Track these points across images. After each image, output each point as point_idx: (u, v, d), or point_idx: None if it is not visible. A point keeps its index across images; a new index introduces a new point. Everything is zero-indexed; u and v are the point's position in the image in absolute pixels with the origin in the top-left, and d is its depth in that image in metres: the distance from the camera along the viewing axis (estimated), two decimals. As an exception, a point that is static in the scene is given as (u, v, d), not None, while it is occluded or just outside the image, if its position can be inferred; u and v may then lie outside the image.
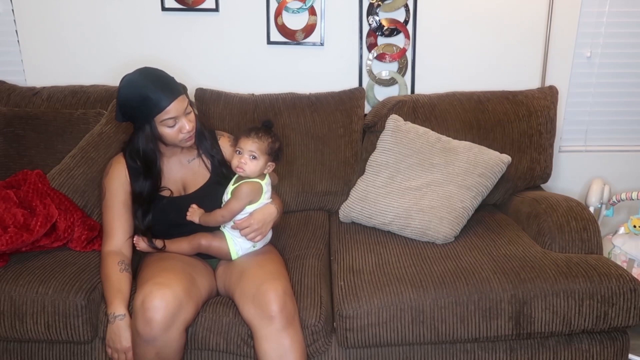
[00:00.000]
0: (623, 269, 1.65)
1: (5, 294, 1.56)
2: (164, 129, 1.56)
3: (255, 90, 2.28)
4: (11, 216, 1.65)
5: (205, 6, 2.27)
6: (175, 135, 1.58)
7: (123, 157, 1.67)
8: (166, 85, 1.54)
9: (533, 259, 1.69)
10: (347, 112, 2.17)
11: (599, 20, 2.35)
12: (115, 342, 1.49)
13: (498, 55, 2.37)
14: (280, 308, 1.46)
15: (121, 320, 1.49)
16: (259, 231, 1.62)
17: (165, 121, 1.54)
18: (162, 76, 1.56)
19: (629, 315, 1.60)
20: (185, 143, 1.62)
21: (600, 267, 1.64)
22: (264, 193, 1.63)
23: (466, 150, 1.97)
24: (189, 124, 1.58)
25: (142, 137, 1.58)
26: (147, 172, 1.63)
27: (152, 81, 1.52)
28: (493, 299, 1.56)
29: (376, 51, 2.34)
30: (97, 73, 2.32)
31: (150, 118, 1.53)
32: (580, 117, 2.48)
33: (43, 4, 2.27)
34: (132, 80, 1.54)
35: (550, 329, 1.59)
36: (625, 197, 2.21)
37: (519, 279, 1.60)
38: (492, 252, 1.75)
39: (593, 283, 1.59)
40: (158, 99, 1.51)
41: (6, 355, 1.66)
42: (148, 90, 1.50)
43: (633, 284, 1.60)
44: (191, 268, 1.59)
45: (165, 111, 1.52)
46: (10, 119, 1.97)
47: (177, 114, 1.54)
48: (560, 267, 1.64)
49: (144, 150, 1.60)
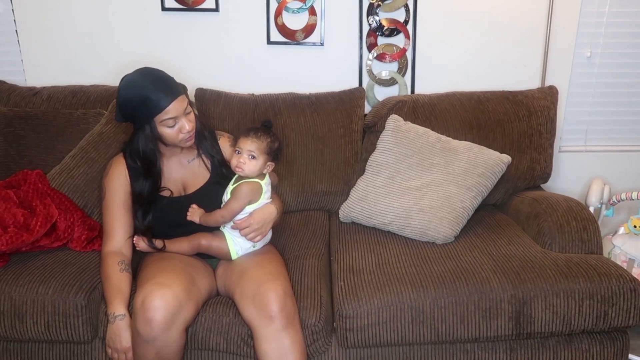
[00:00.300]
0: (623, 269, 1.65)
1: (5, 294, 1.56)
2: (164, 129, 1.56)
3: (255, 90, 2.28)
4: (11, 216, 1.65)
5: (205, 6, 2.27)
6: (175, 135, 1.58)
7: (123, 158, 1.67)
8: (166, 86, 1.53)
9: (533, 259, 1.69)
10: (347, 112, 2.17)
11: (599, 20, 2.35)
12: (115, 342, 1.49)
13: (498, 55, 2.37)
14: (280, 308, 1.46)
15: (121, 320, 1.49)
16: (259, 231, 1.62)
17: (165, 121, 1.54)
18: (162, 76, 1.56)
19: (629, 316, 1.60)
20: (185, 143, 1.62)
21: (600, 267, 1.64)
22: (264, 193, 1.63)
23: (466, 150, 1.97)
24: (188, 124, 1.58)
25: (142, 137, 1.58)
26: (147, 172, 1.63)
27: (152, 81, 1.52)
28: (493, 299, 1.56)
29: (376, 51, 2.34)
30: (97, 73, 2.32)
31: (150, 118, 1.53)
32: (580, 117, 2.48)
33: (43, 4, 2.27)
34: (132, 81, 1.53)
35: (551, 329, 1.59)
36: (625, 197, 2.21)
37: (519, 279, 1.60)
38: (492, 252, 1.75)
39: (593, 283, 1.59)
40: (158, 99, 1.50)
41: (6, 355, 1.66)
42: (148, 91, 1.50)
43: (633, 284, 1.60)
44: (191, 268, 1.59)
45: (165, 111, 1.52)
46: (10, 119, 1.97)
47: (177, 114, 1.54)
48: (560, 267, 1.64)
49: (144, 151, 1.60)
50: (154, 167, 1.63)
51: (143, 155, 1.61)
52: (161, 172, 1.66)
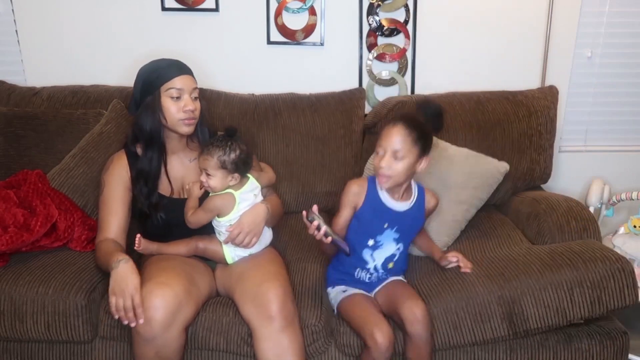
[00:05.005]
0: (609, 249, 1.62)
1: (5, 294, 1.56)
2: (167, 100, 1.58)
3: (255, 90, 2.28)
4: (11, 216, 1.65)
5: (205, 6, 2.27)
6: (176, 111, 1.59)
7: (124, 154, 1.67)
8: (177, 63, 1.64)
9: (516, 256, 1.69)
10: (348, 112, 2.17)
11: (599, 20, 2.35)
12: (122, 284, 1.41)
13: (498, 55, 2.37)
14: (280, 308, 1.46)
15: (126, 262, 1.45)
16: (252, 233, 1.58)
17: (169, 91, 1.58)
18: (177, 60, 1.66)
19: (623, 296, 1.57)
20: (184, 126, 1.61)
21: (584, 252, 1.62)
22: (237, 204, 1.56)
23: (462, 160, 1.93)
24: (191, 104, 1.60)
25: (146, 113, 1.60)
26: (151, 145, 1.63)
27: (166, 59, 1.65)
28: (480, 302, 1.56)
29: (376, 51, 2.34)
30: (97, 73, 2.32)
31: (157, 86, 1.58)
32: (580, 117, 2.48)
33: (43, 4, 2.27)
34: (149, 62, 1.65)
35: (547, 323, 1.57)
36: (625, 197, 2.21)
37: (504, 279, 1.59)
38: (476, 258, 1.74)
39: (579, 270, 1.57)
40: (167, 70, 1.59)
41: (6, 355, 1.66)
42: (159, 63, 1.63)
43: (620, 263, 1.57)
44: (191, 268, 1.59)
45: (172, 81, 1.58)
46: (10, 119, 1.97)
47: (182, 86, 1.59)
48: (543, 260, 1.63)
49: (150, 128, 1.61)
50: (159, 141, 1.63)
51: (150, 129, 1.61)
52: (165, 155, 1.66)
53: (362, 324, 1.50)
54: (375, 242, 1.58)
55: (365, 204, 1.56)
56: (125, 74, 2.29)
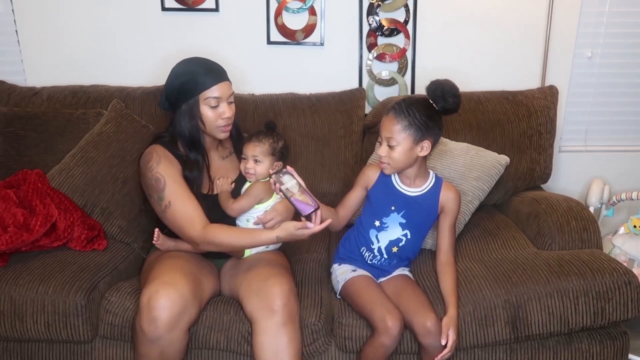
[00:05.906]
0: (616, 262, 1.64)
1: (5, 294, 1.56)
2: (206, 109, 1.59)
3: (255, 90, 2.28)
4: (11, 216, 1.65)
5: (205, 6, 2.27)
6: (214, 119, 1.61)
7: (162, 147, 1.65)
8: (215, 69, 1.63)
9: (524, 260, 1.69)
10: (348, 112, 2.17)
11: (599, 20, 2.35)
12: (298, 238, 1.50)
13: (498, 55, 2.37)
14: (283, 303, 1.46)
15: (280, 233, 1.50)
16: (282, 220, 1.58)
17: (208, 100, 1.59)
18: (212, 62, 1.65)
19: (627, 309, 1.58)
20: (221, 133, 1.64)
21: (592, 262, 1.63)
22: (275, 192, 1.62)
23: (463, 153, 1.96)
24: (229, 111, 1.62)
25: (184, 118, 1.61)
26: (195, 148, 1.64)
27: (202, 63, 1.62)
28: (487, 307, 1.56)
29: (376, 51, 2.34)
30: (97, 73, 2.32)
31: (196, 94, 1.58)
32: (580, 117, 2.48)
33: (43, 4, 2.27)
34: (184, 62, 1.64)
35: (549, 329, 1.58)
36: (625, 197, 2.21)
37: (511, 283, 1.59)
38: (483, 258, 1.74)
39: (586, 280, 1.58)
40: (205, 77, 1.58)
41: (6, 355, 1.66)
42: (197, 68, 1.60)
43: (627, 276, 1.58)
44: (197, 268, 1.59)
45: (211, 89, 1.58)
46: (10, 119, 1.97)
47: (221, 94, 1.60)
48: (552, 267, 1.63)
49: (190, 130, 1.62)
50: (200, 144, 1.65)
51: (189, 133, 1.62)
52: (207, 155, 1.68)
53: (373, 307, 1.51)
54: (381, 224, 1.64)
55: (376, 184, 1.67)
56: (126, 74, 2.30)
